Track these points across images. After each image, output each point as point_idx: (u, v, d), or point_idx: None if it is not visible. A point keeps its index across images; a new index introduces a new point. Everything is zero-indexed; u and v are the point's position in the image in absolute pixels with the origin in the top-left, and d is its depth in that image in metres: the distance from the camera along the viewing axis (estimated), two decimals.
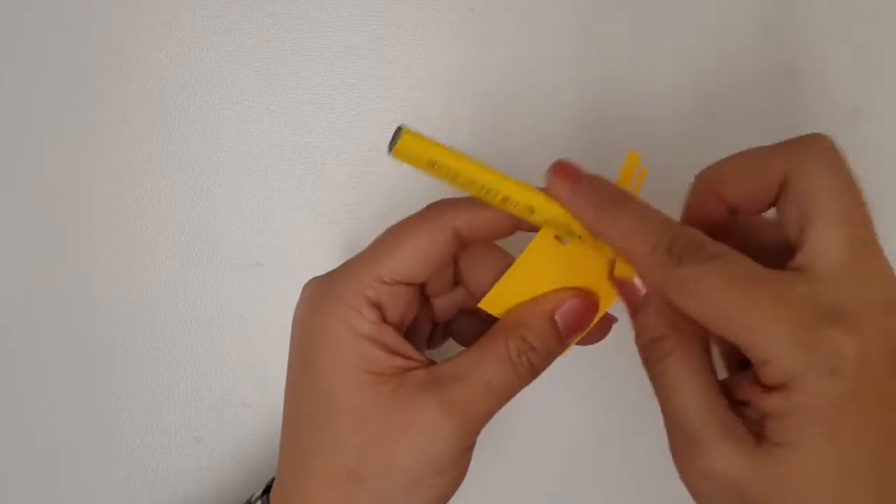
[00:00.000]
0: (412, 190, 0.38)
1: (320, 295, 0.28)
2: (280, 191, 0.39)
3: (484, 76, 0.39)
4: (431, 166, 0.24)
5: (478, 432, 0.28)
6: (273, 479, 0.30)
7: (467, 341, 0.32)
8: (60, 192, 0.39)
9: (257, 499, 0.31)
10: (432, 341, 0.33)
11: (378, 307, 0.27)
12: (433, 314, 0.32)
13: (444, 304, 0.32)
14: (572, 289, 0.28)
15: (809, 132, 0.29)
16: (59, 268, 0.38)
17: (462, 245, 0.28)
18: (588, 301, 0.28)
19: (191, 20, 0.39)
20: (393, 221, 0.37)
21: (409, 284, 0.28)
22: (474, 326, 0.32)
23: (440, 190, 0.34)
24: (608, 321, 0.30)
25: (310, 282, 0.29)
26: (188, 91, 0.39)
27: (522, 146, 0.39)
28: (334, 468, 0.27)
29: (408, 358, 0.28)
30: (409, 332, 0.30)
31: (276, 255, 0.39)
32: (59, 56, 0.39)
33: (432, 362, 0.28)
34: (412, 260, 0.27)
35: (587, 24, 0.39)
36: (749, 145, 0.38)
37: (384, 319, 0.28)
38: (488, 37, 0.39)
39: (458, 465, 0.28)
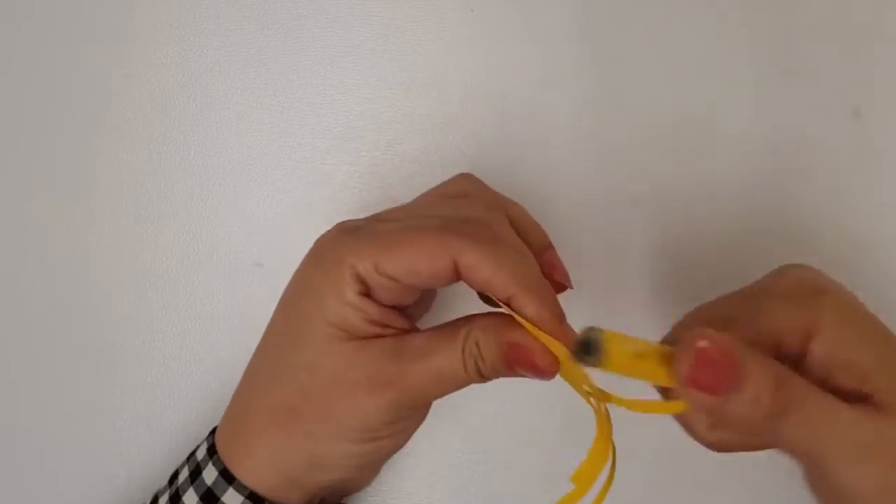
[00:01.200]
0: (411, 190, 0.39)
1: (331, 250, 0.29)
2: (280, 191, 0.39)
3: (484, 76, 0.39)
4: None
5: (417, 409, 0.30)
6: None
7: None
8: (60, 192, 0.39)
9: (204, 440, 0.32)
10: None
11: (367, 285, 0.29)
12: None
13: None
14: (534, 334, 0.27)
15: (808, 137, 0.30)
16: (59, 268, 0.38)
17: (462, 278, 0.29)
18: (541, 356, 0.28)
19: (191, 20, 0.39)
20: None
21: (400, 283, 0.28)
22: None
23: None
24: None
25: (334, 228, 0.30)
26: (188, 91, 0.39)
27: (522, 146, 0.39)
28: (279, 400, 0.30)
29: (385, 326, 0.29)
30: (422, 300, 0.32)
31: (276, 255, 0.39)
32: (59, 56, 0.39)
33: (414, 329, 0.30)
34: (404, 267, 0.28)
35: (587, 24, 0.39)
36: (749, 146, 0.38)
37: (368, 294, 0.29)
38: (488, 37, 0.39)
39: (393, 430, 0.29)
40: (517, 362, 0.28)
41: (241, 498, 0.29)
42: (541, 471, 0.38)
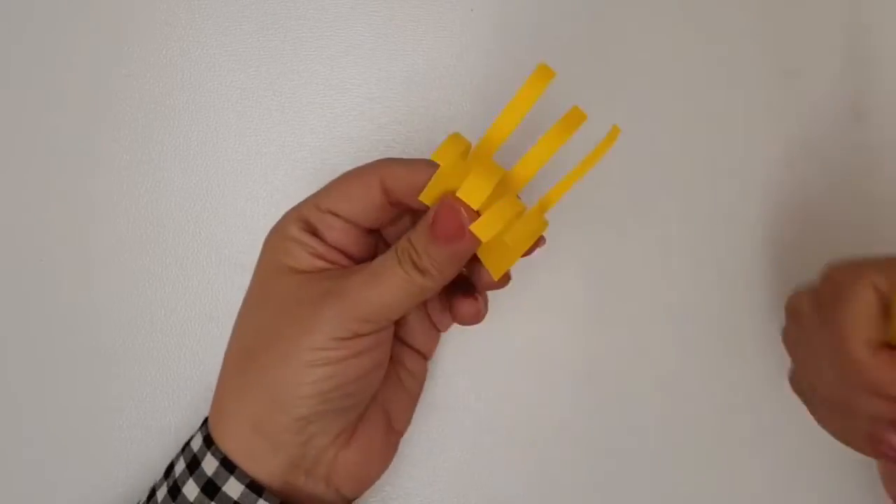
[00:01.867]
0: None
1: (283, 214, 0.32)
2: (280, 191, 0.39)
3: (484, 76, 0.39)
4: None
5: (364, 321, 0.29)
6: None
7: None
8: (60, 192, 0.39)
9: (197, 431, 0.32)
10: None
11: (307, 223, 0.31)
12: None
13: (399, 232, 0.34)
14: (449, 201, 0.28)
15: (808, 137, 0.30)
16: (59, 268, 0.38)
17: (391, 198, 0.31)
18: (451, 206, 0.28)
19: (191, 20, 0.39)
20: None
21: (340, 217, 0.31)
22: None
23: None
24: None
25: None
26: (188, 91, 0.39)
27: (523, 147, 0.39)
28: (238, 345, 0.31)
29: (332, 262, 0.31)
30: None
31: None
32: (59, 56, 0.39)
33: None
34: (340, 196, 0.31)
35: (588, 24, 0.39)
36: (748, 147, 0.38)
37: (312, 232, 0.31)
38: (488, 37, 0.39)
39: (345, 349, 0.29)
40: (442, 227, 0.28)
41: (241, 487, 0.29)
42: (541, 470, 0.38)
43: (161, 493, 0.31)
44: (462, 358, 0.38)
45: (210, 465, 0.30)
